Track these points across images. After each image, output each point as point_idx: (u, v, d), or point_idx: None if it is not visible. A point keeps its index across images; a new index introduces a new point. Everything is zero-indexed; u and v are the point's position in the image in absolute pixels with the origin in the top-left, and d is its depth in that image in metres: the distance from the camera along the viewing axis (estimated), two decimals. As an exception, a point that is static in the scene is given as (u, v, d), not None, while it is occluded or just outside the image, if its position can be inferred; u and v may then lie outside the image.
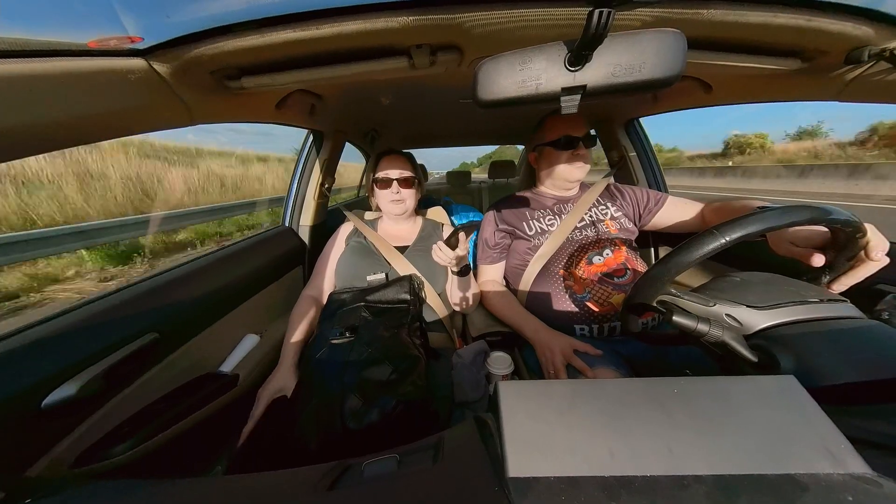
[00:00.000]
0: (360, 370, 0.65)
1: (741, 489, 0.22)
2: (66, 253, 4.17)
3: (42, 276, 3.83)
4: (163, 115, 0.56)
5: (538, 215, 0.97)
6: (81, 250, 4.30)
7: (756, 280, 0.49)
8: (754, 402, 0.28)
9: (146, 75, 0.48)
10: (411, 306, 0.82)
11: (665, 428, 0.26)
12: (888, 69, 0.55)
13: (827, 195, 9.84)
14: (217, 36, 0.47)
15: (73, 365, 0.51)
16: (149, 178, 7.41)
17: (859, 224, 0.45)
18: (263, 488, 0.31)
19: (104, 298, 0.62)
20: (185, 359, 0.70)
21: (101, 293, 0.63)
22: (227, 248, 0.95)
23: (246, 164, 11.80)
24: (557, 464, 0.24)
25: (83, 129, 0.47)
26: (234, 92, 0.61)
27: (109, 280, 3.99)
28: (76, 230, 4.32)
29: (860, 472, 0.22)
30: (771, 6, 0.49)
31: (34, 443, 0.47)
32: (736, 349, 0.41)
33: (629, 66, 0.38)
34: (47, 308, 3.37)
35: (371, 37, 0.50)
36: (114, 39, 0.43)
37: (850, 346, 0.37)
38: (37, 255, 3.91)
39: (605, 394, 0.30)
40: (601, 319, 0.79)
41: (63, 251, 4.13)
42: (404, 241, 1.02)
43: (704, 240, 0.44)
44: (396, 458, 0.30)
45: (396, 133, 1.77)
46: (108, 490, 0.32)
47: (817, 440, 0.24)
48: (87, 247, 4.36)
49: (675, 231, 0.96)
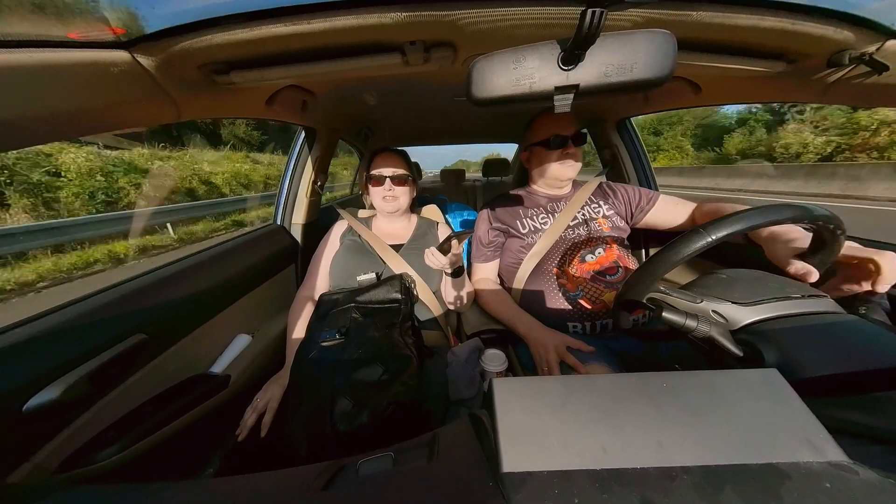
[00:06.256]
0: (350, 372, 0.64)
1: (727, 479, 0.22)
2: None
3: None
4: (148, 110, 0.55)
5: (531, 214, 0.98)
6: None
7: (741, 277, 0.50)
8: (739, 396, 0.29)
9: (130, 69, 0.47)
10: (402, 306, 0.82)
11: (655, 421, 0.27)
12: (867, 72, 0.57)
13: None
14: (205, 29, 0.46)
15: (57, 368, 0.49)
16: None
17: (839, 221, 0.46)
18: (256, 490, 0.31)
19: (89, 299, 0.60)
20: (174, 360, 0.69)
21: (86, 294, 0.61)
22: (217, 247, 0.93)
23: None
24: (551, 458, 0.24)
25: (63, 124, 0.45)
26: (222, 87, 0.60)
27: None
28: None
29: (838, 460, 0.23)
30: (758, 9, 0.50)
31: (15, 448, 0.46)
32: (722, 344, 0.42)
33: (621, 65, 0.39)
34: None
35: (364, 32, 0.50)
36: (95, 31, 0.42)
37: (830, 341, 0.39)
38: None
39: (598, 389, 0.30)
40: (593, 316, 0.80)
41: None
42: (399, 239, 1.02)
43: (692, 238, 0.45)
44: (391, 457, 0.30)
45: (390, 131, 1.76)
46: (93, 495, 0.31)
47: (798, 431, 0.25)
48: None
49: (665, 230, 0.98)
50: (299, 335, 0.83)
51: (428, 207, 1.20)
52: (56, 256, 5.03)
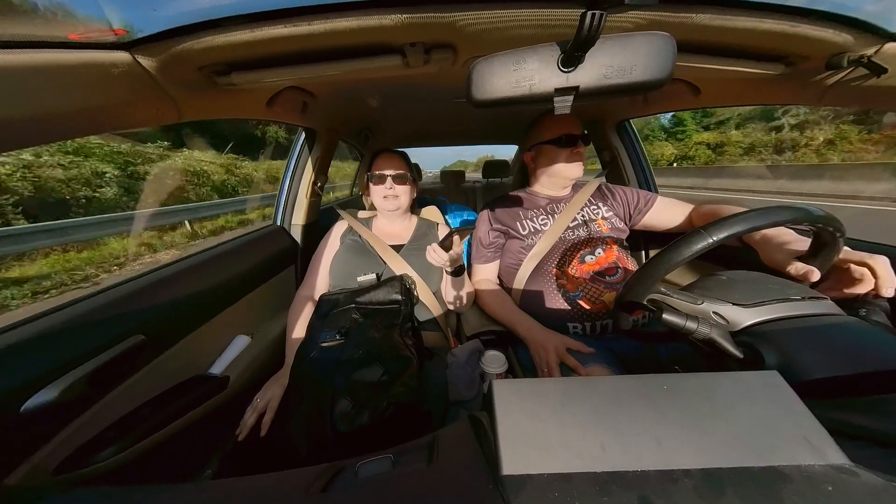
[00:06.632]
0: (350, 372, 0.64)
1: (727, 482, 0.22)
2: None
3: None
4: (149, 110, 0.55)
5: (531, 215, 0.98)
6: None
7: (741, 278, 0.50)
8: (740, 398, 0.29)
9: (131, 70, 0.47)
10: (403, 307, 0.81)
11: (655, 423, 0.27)
12: (865, 75, 0.57)
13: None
14: (206, 30, 0.46)
15: (55, 369, 0.49)
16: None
17: (839, 222, 0.46)
18: (254, 492, 0.30)
19: (88, 300, 0.60)
20: (173, 361, 0.69)
21: (85, 295, 0.61)
22: (216, 248, 0.93)
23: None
24: (551, 460, 0.24)
25: (63, 125, 0.45)
26: (223, 88, 0.60)
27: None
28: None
29: (839, 462, 0.23)
30: (757, 12, 0.50)
31: (13, 449, 0.46)
32: (723, 346, 0.42)
33: (620, 67, 0.39)
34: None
35: (364, 34, 0.50)
36: (96, 32, 0.42)
37: (830, 343, 0.39)
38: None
39: (598, 391, 0.30)
40: (593, 317, 0.80)
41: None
42: (399, 239, 1.02)
43: (692, 240, 0.45)
44: (391, 459, 0.30)
45: (390, 132, 1.76)
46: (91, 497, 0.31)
47: (799, 433, 0.25)
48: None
49: (664, 231, 0.98)
50: (299, 335, 0.83)
51: (428, 208, 1.20)
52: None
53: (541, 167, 1.00)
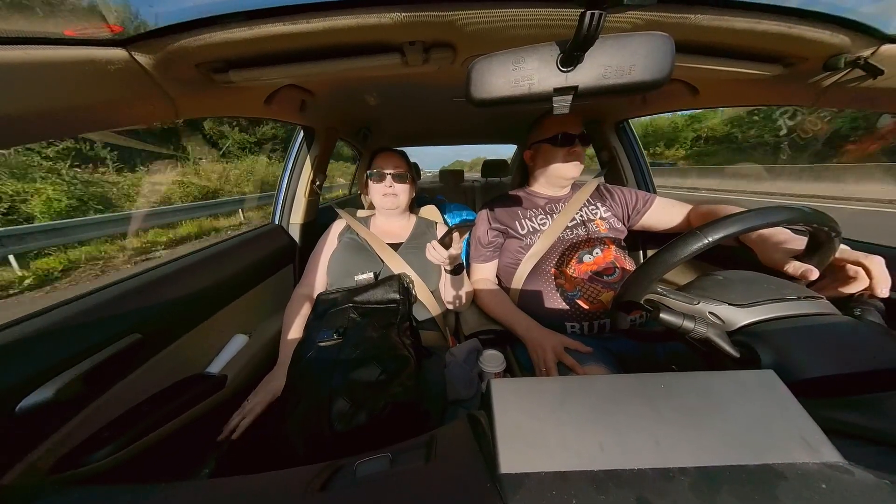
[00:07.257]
0: (348, 372, 0.64)
1: (723, 480, 0.22)
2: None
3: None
4: (146, 108, 0.54)
5: (530, 215, 0.98)
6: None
7: (737, 278, 0.51)
8: (736, 397, 0.29)
9: (127, 67, 0.46)
10: (401, 306, 0.81)
11: (652, 422, 0.27)
12: (862, 76, 0.57)
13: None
14: (203, 27, 0.46)
15: (51, 368, 0.49)
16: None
17: (835, 222, 0.47)
18: (252, 491, 0.30)
19: (84, 298, 0.60)
20: (170, 360, 0.68)
21: (81, 293, 0.61)
22: (214, 247, 0.93)
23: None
24: (548, 459, 0.24)
25: (59, 122, 0.45)
26: (221, 86, 0.59)
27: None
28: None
29: (834, 461, 0.23)
30: (755, 13, 0.50)
31: (9, 449, 0.45)
32: (719, 345, 0.42)
33: (619, 67, 0.39)
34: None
35: (363, 32, 0.50)
36: (93, 28, 0.41)
37: (825, 342, 0.39)
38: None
39: (595, 390, 0.30)
40: (591, 317, 0.81)
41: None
42: (398, 238, 1.02)
43: (689, 240, 0.45)
44: (389, 457, 0.30)
45: (389, 131, 1.76)
46: (88, 496, 0.31)
47: (794, 431, 0.26)
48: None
49: (663, 231, 0.99)
50: (296, 333, 0.83)
51: (426, 208, 1.20)
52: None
53: (539, 166, 1.00)
